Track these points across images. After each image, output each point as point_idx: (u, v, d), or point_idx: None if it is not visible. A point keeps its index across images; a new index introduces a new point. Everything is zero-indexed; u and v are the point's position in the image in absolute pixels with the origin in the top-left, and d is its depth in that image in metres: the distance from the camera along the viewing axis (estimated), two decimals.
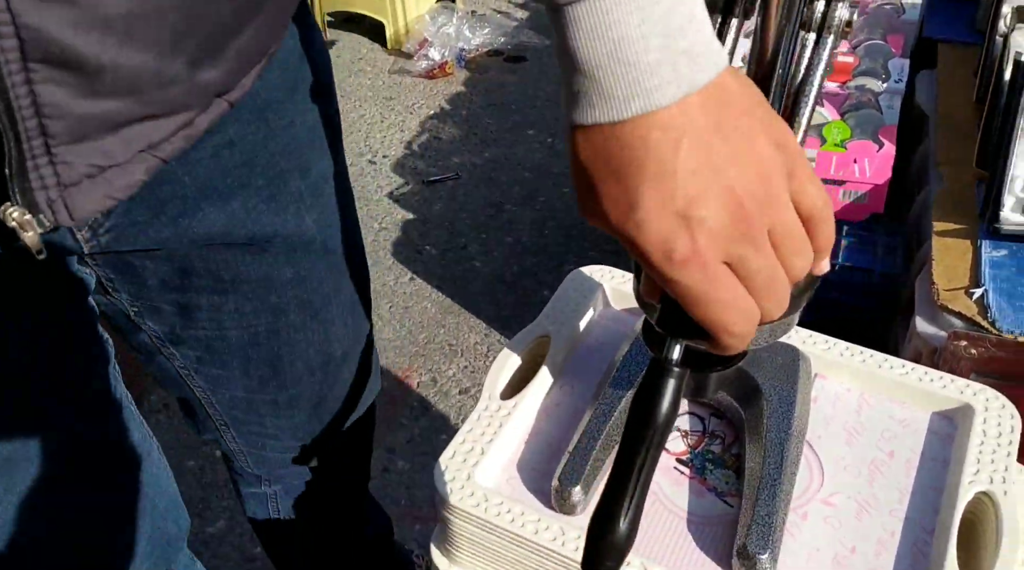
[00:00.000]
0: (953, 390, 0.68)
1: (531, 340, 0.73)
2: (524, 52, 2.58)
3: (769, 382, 0.66)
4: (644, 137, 0.35)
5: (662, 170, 0.35)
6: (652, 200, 0.36)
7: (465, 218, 1.99)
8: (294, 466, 0.86)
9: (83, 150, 0.46)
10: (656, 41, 0.34)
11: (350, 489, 0.97)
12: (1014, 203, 1.05)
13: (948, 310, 1.00)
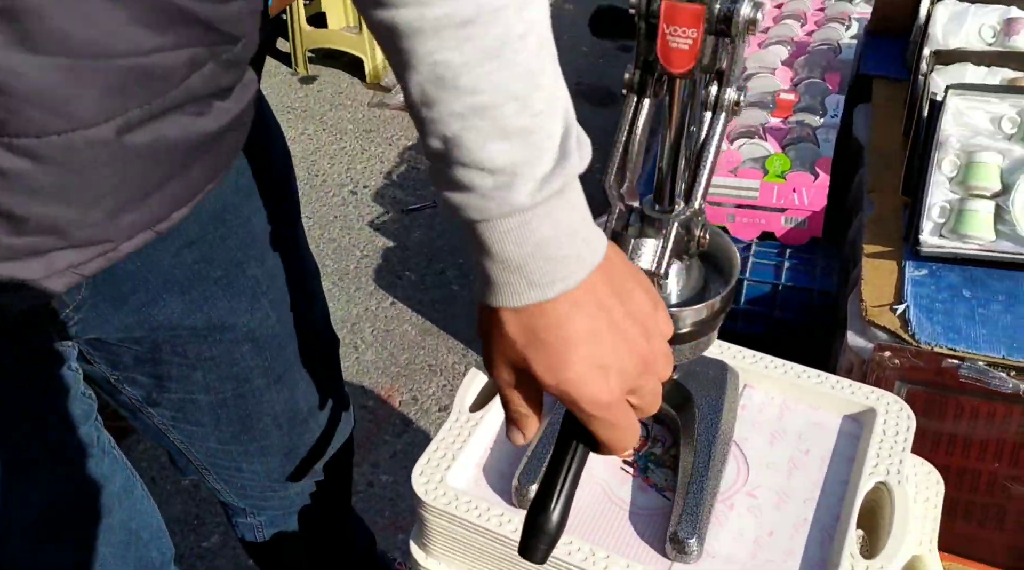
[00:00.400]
0: (860, 396, 0.78)
1: None
2: None
3: (700, 392, 0.76)
4: (565, 312, 0.46)
5: (580, 336, 0.46)
6: (579, 362, 0.46)
7: (443, 245, 2.09)
8: (275, 501, 0.94)
9: (8, 267, 0.53)
10: (566, 239, 0.46)
11: (332, 513, 1.05)
12: (932, 227, 1.16)
13: (875, 325, 1.11)
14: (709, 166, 0.56)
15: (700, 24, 0.51)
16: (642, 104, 0.57)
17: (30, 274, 0.54)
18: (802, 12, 1.70)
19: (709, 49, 0.52)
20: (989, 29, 1.37)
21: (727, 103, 0.55)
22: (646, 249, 0.58)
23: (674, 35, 0.52)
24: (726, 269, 0.65)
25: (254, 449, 0.85)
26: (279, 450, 0.87)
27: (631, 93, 0.57)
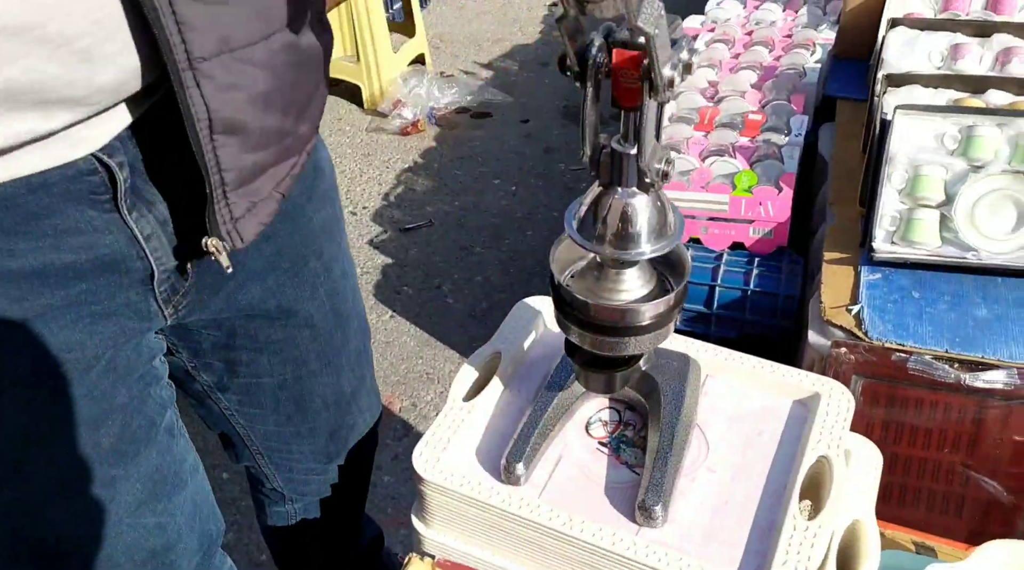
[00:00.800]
0: (807, 383, 0.89)
1: (486, 356, 0.94)
2: (489, 109, 2.82)
3: (666, 381, 0.86)
4: None
5: None
6: None
7: (438, 261, 2.20)
8: (314, 484, 1.06)
9: (243, 193, 0.67)
10: None
11: (352, 505, 1.16)
12: (884, 235, 1.27)
13: (832, 324, 1.22)
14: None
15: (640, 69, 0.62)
16: (586, 91, 0.65)
17: (256, 197, 0.70)
18: (770, 39, 1.82)
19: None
20: (937, 54, 1.49)
21: (665, 82, 0.62)
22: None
23: (625, 77, 0.63)
24: (679, 270, 0.75)
25: (305, 430, 0.97)
26: (325, 430, 1.00)
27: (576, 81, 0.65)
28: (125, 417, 0.77)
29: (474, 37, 3.28)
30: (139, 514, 0.81)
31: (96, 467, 0.75)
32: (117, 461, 0.77)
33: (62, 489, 0.74)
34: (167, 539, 0.84)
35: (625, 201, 0.68)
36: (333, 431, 1.01)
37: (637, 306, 0.73)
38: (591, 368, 0.81)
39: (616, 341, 0.75)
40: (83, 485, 0.75)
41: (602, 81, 0.66)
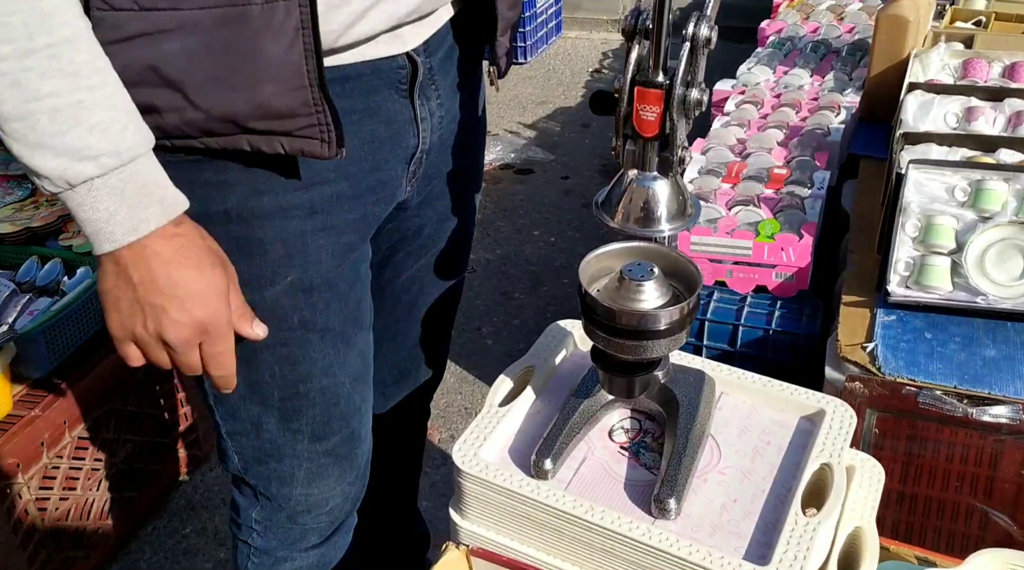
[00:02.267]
0: (814, 401, 0.97)
1: (520, 369, 1.04)
2: (532, 166, 2.97)
3: (683, 393, 0.95)
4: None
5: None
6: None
7: (480, 305, 2.31)
8: (383, 402, 1.18)
9: (503, 40, 0.91)
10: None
11: (405, 470, 1.28)
12: (899, 280, 1.35)
13: (847, 360, 1.29)
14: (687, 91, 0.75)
15: (661, 103, 0.74)
16: (632, 47, 0.76)
17: (504, 46, 0.95)
18: (797, 101, 1.94)
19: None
20: (953, 116, 1.59)
21: (703, 39, 0.74)
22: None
23: (644, 110, 0.75)
24: (691, 284, 0.85)
25: (399, 337, 1.13)
26: (412, 342, 1.14)
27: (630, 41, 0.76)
28: (362, 291, 0.95)
29: (519, 99, 3.46)
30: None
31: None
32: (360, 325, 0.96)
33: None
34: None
35: (647, 185, 0.80)
36: (417, 344, 1.14)
37: (655, 312, 0.83)
38: (615, 372, 0.91)
39: (636, 344, 0.85)
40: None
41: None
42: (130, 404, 1.59)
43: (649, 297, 0.84)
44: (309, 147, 0.74)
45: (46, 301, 1.51)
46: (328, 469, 0.99)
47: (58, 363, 1.47)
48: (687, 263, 0.87)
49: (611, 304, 0.84)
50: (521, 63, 3.76)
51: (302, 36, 0.68)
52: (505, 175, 2.90)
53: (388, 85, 0.83)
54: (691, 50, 0.74)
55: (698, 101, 0.74)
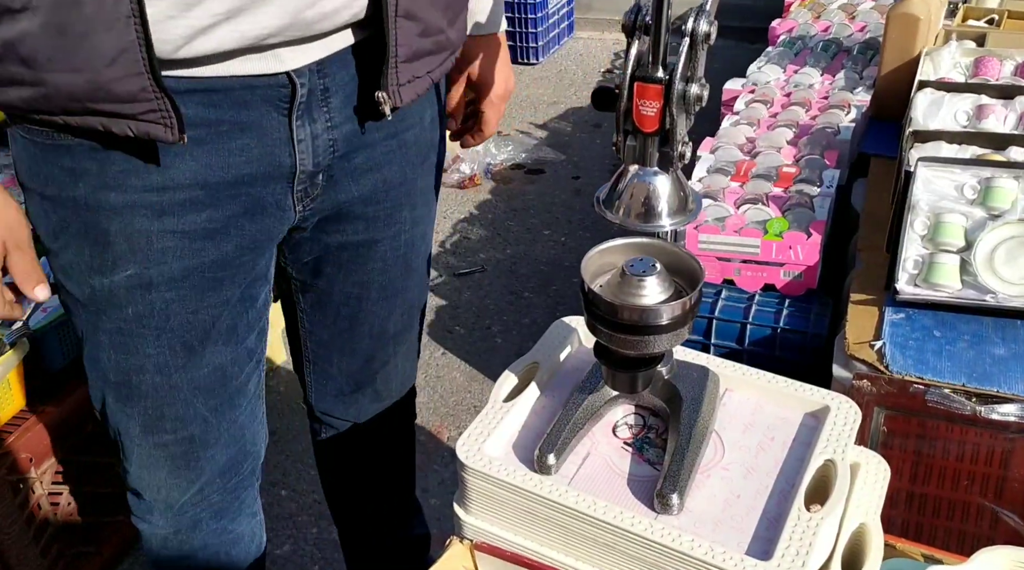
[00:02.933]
0: (818, 397, 0.97)
1: (525, 365, 1.04)
2: (542, 166, 2.97)
3: (686, 390, 0.95)
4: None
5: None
6: None
7: (489, 304, 2.32)
8: (339, 412, 1.20)
9: (407, 68, 0.88)
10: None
11: (395, 476, 1.28)
12: (907, 277, 1.35)
13: (855, 358, 1.29)
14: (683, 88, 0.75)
15: (661, 98, 0.74)
16: (631, 44, 0.76)
17: (415, 74, 0.91)
18: (807, 100, 1.93)
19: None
20: (963, 114, 1.58)
21: (702, 34, 0.74)
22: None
23: (644, 106, 0.75)
24: (693, 280, 0.85)
25: (348, 348, 1.13)
26: (363, 354, 1.14)
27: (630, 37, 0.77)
28: (236, 313, 0.95)
29: (531, 100, 3.47)
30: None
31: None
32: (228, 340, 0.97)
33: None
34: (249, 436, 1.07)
35: (648, 180, 0.80)
36: (369, 358, 1.15)
37: (657, 307, 0.83)
38: (618, 368, 0.91)
39: (638, 340, 0.85)
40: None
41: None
42: None
43: (651, 292, 0.84)
44: (154, 131, 0.78)
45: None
46: (160, 462, 1.01)
47: (71, 358, 1.48)
48: (689, 258, 0.87)
49: (613, 299, 0.84)
50: (533, 64, 3.76)
51: (133, 25, 0.72)
52: (516, 175, 2.90)
53: (266, 101, 0.85)
54: (690, 45, 0.75)
55: (698, 96, 0.75)
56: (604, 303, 0.84)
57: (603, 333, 0.86)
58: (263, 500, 1.75)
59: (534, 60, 3.77)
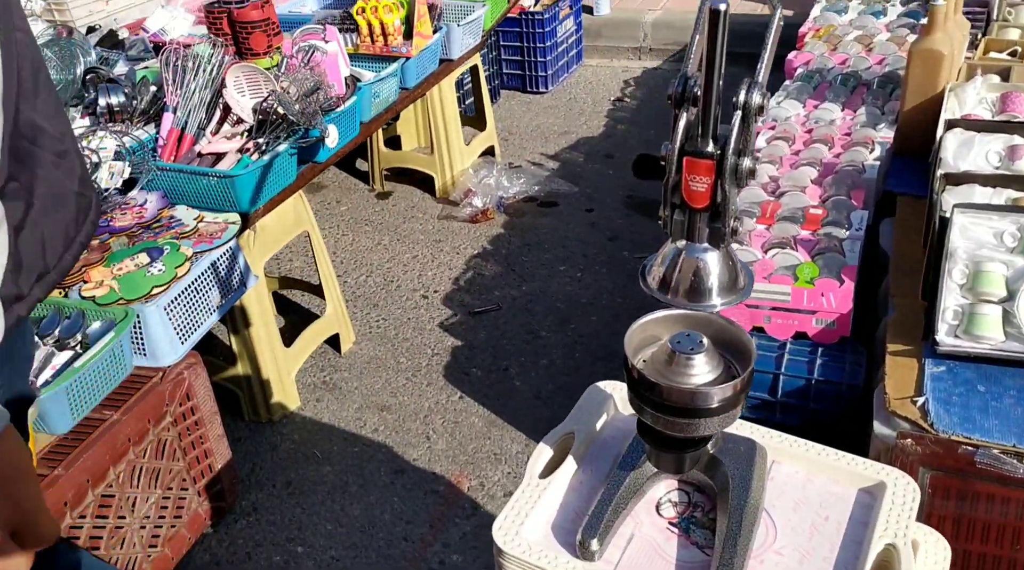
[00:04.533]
0: (872, 471, 0.92)
1: (560, 436, 1.00)
2: (556, 198, 2.94)
3: (734, 465, 0.91)
4: None
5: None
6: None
7: (506, 344, 2.27)
8: None
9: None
10: None
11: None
12: (947, 329, 1.30)
13: (897, 415, 1.24)
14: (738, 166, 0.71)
15: (712, 174, 0.70)
16: (680, 115, 0.73)
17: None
18: (830, 137, 1.89)
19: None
20: (995, 154, 1.54)
21: (755, 106, 0.70)
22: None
23: (694, 181, 0.71)
24: (744, 356, 0.81)
25: None
26: None
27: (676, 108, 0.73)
28: None
29: (541, 130, 3.44)
30: None
31: None
32: None
33: None
34: None
35: (697, 257, 0.75)
36: None
37: (707, 389, 0.79)
38: (663, 448, 0.87)
39: (687, 422, 0.80)
40: None
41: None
42: (152, 459, 1.56)
43: (700, 372, 0.80)
44: None
45: (67, 355, 1.49)
46: None
47: (79, 419, 1.44)
48: (738, 331, 0.83)
49: (660, 379, 0.80)
50: (542, 93, 3.74)
51: None
52: (529, 208, 2.87)
53: None
54: (743, 118, 0.71)
55: (750, 170, 0.71)
56: (650, 383, 0.80)
57: (648, 413, 0.82)
58: (278, 557, 1.71)
59: (543, 89, 3.75)
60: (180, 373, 1.60)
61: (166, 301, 1.57)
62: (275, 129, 1.86)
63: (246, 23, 1.95)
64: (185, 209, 1.80)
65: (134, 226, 1.74)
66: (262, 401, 2.05)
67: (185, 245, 1.67)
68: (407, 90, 2.42)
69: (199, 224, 1.75)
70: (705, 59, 0.70)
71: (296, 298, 2.53)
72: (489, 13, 2.77)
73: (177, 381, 1.60)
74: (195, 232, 1.73)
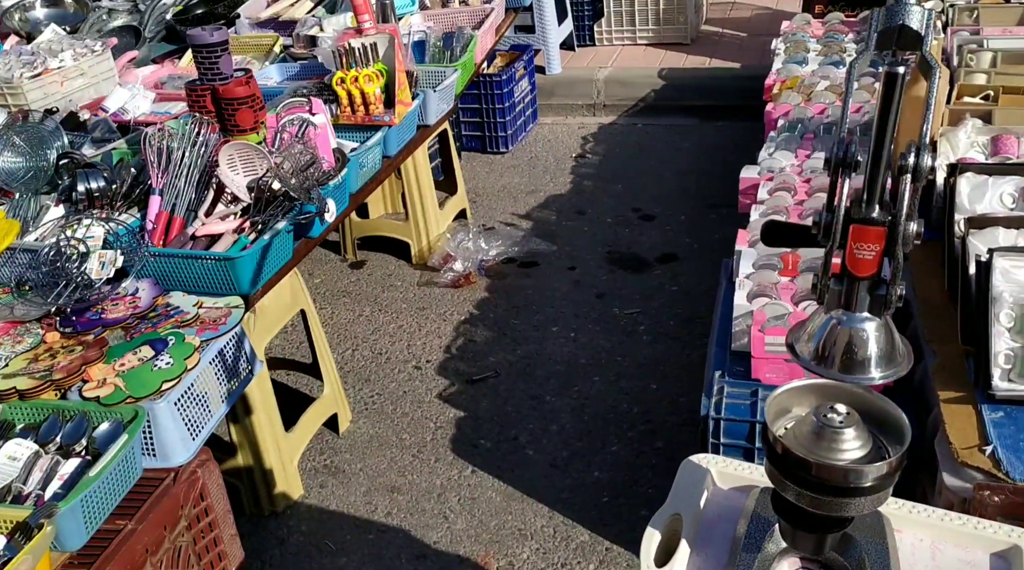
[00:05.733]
0: (1002, 534, 0.89)
1: (667, 518, 0.94)
2: (535, 258, 2.91)
3: (866, 542, 0.86)
4: None
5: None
6: None
7: (511, 411, 2.20)
8: None
9: None
10: None
11: None
12: (1000, 373, 1.30)
13: (968, 466, 1.22)
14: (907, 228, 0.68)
15: (882, 241, 0.67)
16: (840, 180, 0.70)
17: None
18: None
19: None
20: (1009, 196, 1.57)
21: (925, 169, 0.68)
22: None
23: (860, 249, 0.68)
24: (897, 432, 0.77)
25: None
26: None
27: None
28: None
29: (508, 190, 3.43)
30: None
31: None
32: None
33: None
34: None
35: (857, 327, 0.71)
36: None
37: (860, 467, 0.74)
38: (804, 528, 0.82)
39: (838, 501, 0.76)
40: None
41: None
42: (168, 569, 1.43)
43: (850, 447, 0.76)
44: None
45: (75, 462, 1.36)
46: None
47: (93, 533, 1.31)
48: (883, 402, 0.79)
49: (808, 455, 0.75)
50: (503, 153, 3.74)
51: None
52: (510, 270, 2.83)
53: None
54: (913, 181, 0.69)
55: (918, 233, 0.69)
56: (799, 460, 0.75)
57: (792, 490, 0.78)
58: None
59: (504, 149, 3.76)
60: (193, 472, 1.49)
61: (176, 396, 1.46)
62: (270, 206, 1.79)
63: (232, 99, 1.88)
64: (182, 295, 1.70)
65: (129, 317, 1.62)
66: (264, 492, 1.92)
67: (190, 334, 1.57)
68: (389, 158, 2.38)
69: (200, 310, 1.65)
70: (876, 124, 0.68)
71: (282, 378, 2.41)
72: (460, 78, 2.77)
73: (191, 481, 1.48)
74: (197, 320, 1.62)
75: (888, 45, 0.69)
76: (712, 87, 3.96)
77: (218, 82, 1.90)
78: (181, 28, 3.03)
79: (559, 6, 4.27)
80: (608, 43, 4.54)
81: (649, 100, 4.08)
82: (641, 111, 4.08)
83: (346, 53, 2.25)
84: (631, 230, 3.03)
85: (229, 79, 1.92)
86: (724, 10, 4.83)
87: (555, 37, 4.25)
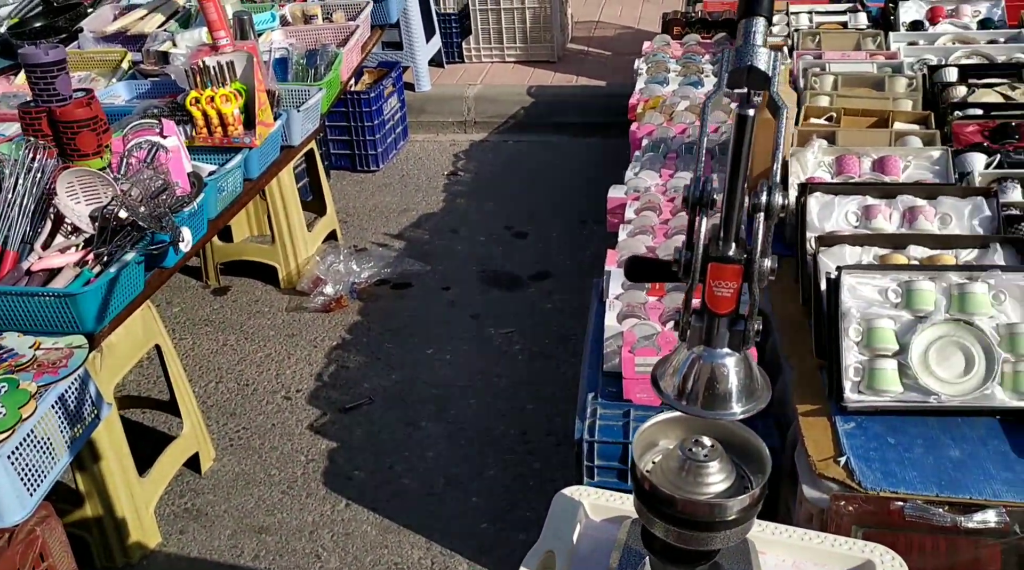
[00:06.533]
0: (856, 550, 0.92)
1: (540, 556, 0.92)
2: (409, 279, 2.86)
3: (730, 563, 0.87)
4: None
5: None
6: None
7: (386, 439, 2.15)
8: None
9: None
10: None
11: None
12: (851, 385, 1.37)
13: (825, 477, 1.28)
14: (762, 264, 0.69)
15: (739, 278, 0.68)
16: (699, 219, 0.70)
17: None
18: None
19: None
20: (852, 214, 1.67)
21: (777, 207, 0.69)
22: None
23: (719, 287, 0.68)
24: (759, 461, 0.79)
25: None
26: None
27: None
28: None
29: (380, 209, 3.36)
30: None
31: None
32: None
33: None
34: None
35: (718, 362, 0.72)
36: None
37: (724, 501, 0.75)
38: (672, 561, 0.82)
39: (704, 536, 0.76)
40: None
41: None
42: None
43: (714, 480, 0.77)
44: None
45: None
46: None
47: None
48: (745, 432, 0.81)
49: (675, 492, 0.75)
50: (374, 171, 3.67)
51: None
52: (383, 292, 2.77)
53: None
54: (766, 219, 0.70)
55: (772, 269, 0.70)
56: (664, 495, 0.75)
57: (659, 526, 0.77)
58: None
59: (374, 167, 3.69)
60: (32, 531, 1.36)
61: (9, 449, 1.33)
62: (117, 237, 1.66)
63: (71, 122, 1.74)
64: (16, 336, 1.55)
65: None
66: (117, 543, 1.78)
67: (24, 379, 1.43)
68: (251, 181, 2.27)
69: (37, 352, 1.51)
70: (729, 163, 0.69)
71: (137, 417, 2.26)
72: (326, 97, 2.69)
73: (29, 541, 1.35)
74: (34, 362, 1.48)
75: (738, 85, 0.70)
76: (579, 105, 4.04)
77: (55, 103, 1.76)
78: (17, 43, 2.81)
79: (427, 23, 4.24)
80: (477, 60, 4.56)
81: (519, 117, 4.11)
82: (512, 128, 4.11)
83: (200, 71, 2.14)
84: (504, 248, 3.04)
85: (68, 100, 1.78)
86: (589, 29, 4.94)
87: (423, 54, 4.23)
